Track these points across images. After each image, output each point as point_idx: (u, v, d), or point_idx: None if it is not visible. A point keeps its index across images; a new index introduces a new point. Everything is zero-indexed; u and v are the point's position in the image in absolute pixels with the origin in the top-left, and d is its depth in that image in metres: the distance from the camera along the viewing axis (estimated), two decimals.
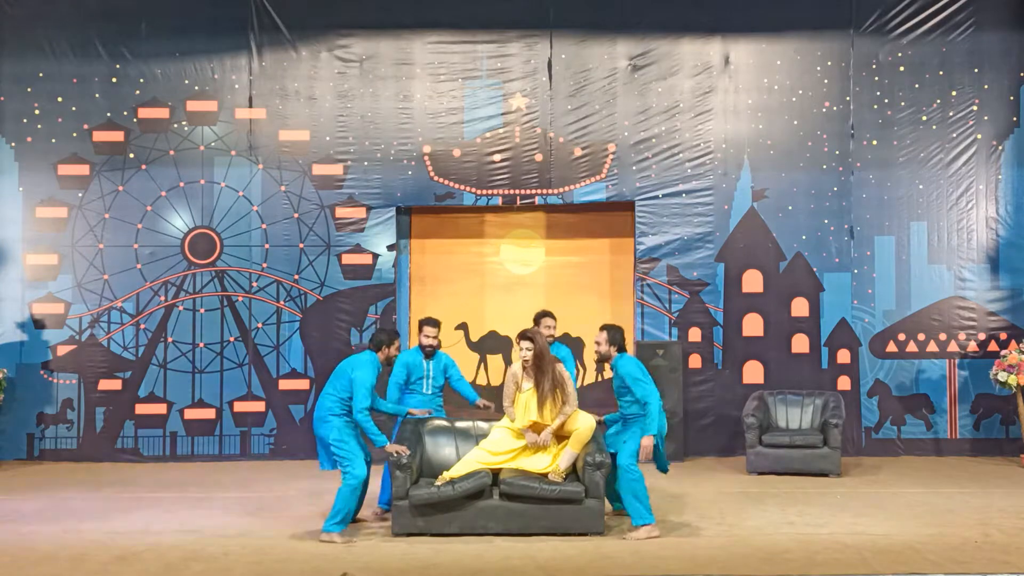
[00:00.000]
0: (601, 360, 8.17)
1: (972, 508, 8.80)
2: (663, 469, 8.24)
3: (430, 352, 8.84)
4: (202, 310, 11.82)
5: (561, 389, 7.95)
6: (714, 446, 11.76)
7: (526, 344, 8.01)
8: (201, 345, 11.78)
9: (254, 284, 11.86)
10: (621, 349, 8.12)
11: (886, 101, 11.98)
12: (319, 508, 8.73)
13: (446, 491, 7.72)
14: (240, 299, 11.84)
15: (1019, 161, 11.97)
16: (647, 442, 7.81)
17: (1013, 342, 11.40)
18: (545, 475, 7.85)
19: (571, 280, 12.29)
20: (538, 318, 9.11)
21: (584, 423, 7.90)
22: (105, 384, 11.70)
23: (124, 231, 11.84)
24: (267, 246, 11.89)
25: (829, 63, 11.99)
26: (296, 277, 11.85)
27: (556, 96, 11.97)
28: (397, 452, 7.83)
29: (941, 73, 11.99)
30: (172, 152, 11.87)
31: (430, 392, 8.83)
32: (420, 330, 8.91)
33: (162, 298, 11.80)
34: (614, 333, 8.11)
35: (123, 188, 11.85)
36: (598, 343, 8.11)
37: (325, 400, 7.93)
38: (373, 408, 8.01)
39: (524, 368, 8.04)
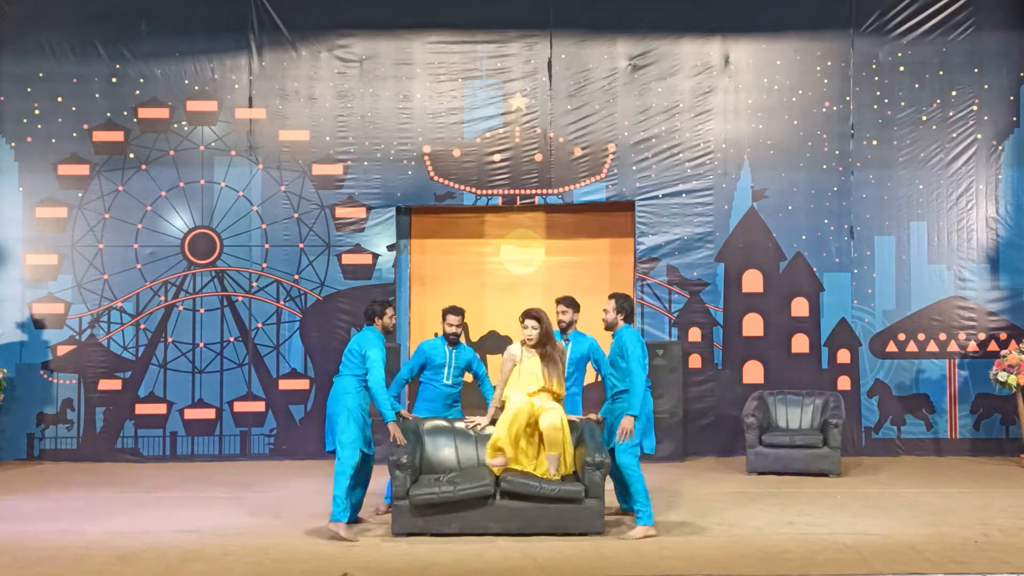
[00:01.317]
0: (608, 328, 8.15)
1: (972, 508, 8.80)
2: (650, 450, 8.19)
3: (454, 341, 8.81)
4: (202, 310, 11.82)
5: (562, 362, 8.05)
6: (714, 446, 11.77)
7: (532, 323, 8.00)
8: (201, 345, 11.79)
9: (254, 284, 11.86)
10: (628, 319, 8.10)
11: (886, 101, 11.99)
12: (319, 508, 8.72)
13: (446, 491, 7.72)
14: (240, 299, 11.84)
15: (1019, 161, 11.97)
16: (627, 423, 7.80)
17: (1013, 342, 11.40)
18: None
19: (571, 280, 12.26)
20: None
21: (546, 422, 7.77)
22: (105, 384, 11.70)
23: (124, 231, 11.84)
24: (267, 246, 11.89)
25: (829, 63, 11.99)
26: (296, 277, 11.85)
27: (556, 96, 11.97)
28: (396, 438, 7.86)
29: (941, 73, 11.99)
30: (172, 152, 11.87)
31: (450, 382, 8.77)
32: (444, 318, 8.83)
33: (162, 298, 11.80)
34: (622, 301, 8.09)
35: (123, 188, 11.85)
36: (605, 311, 8.10)
37: (342, 380, 8.02)
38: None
39: (524, 345, 8.04)
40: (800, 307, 11.95)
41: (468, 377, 9.07)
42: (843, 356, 11.89)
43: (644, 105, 11.99)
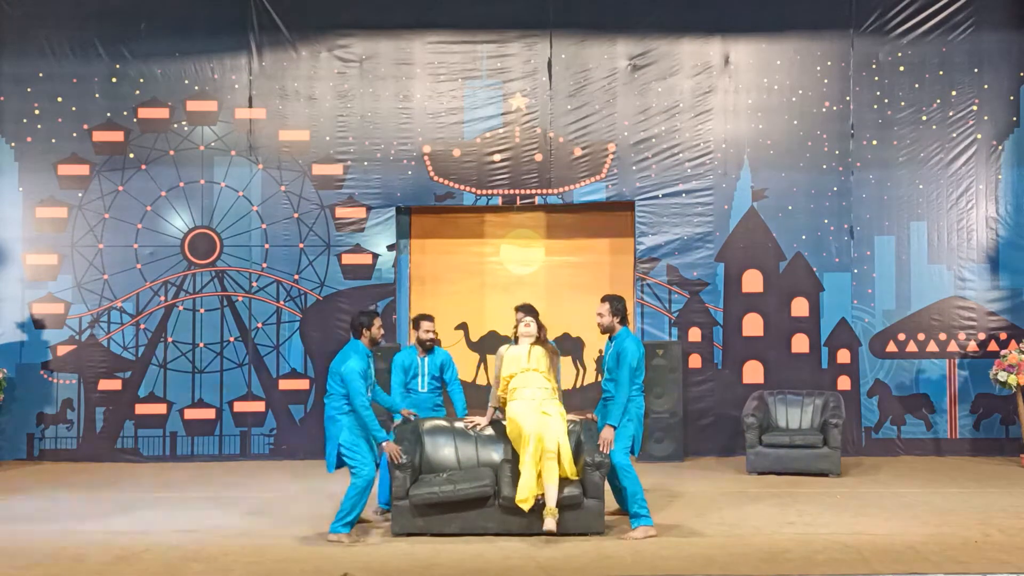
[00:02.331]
0: (604, 331, 8.08)
1: (972, 508, 8.80)
2: (635, 452, 8.17)
3: (429, 347, 8.83)
4: (202, 310, 11.82)
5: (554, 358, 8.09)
6: (714, 446, 11.76)
7: (530, 319, 8.08)
8: (201, 345, 11.78)
9: (254, 284, 11.86)
10: (623, 321, 8.06)
11: (886, 101, 11.99)
12: (319, 508, 8.72)
13: (446, 491, 7.71)
14: (240, 299, 11.84)
15: (1019, 161, 11.97)
16: (607, 434, 7.78)
17: (1013, 342, 11.40)
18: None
19: (571, 280, 12.29)
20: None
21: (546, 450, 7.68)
22: (105, 384, 11.70)
23: (124, 231, 11.84)
24: (267, 246, 11.89)
25: (829, 63, 11.99)
26: (296, 277, 11.85)
27: (556, 96, 11.97)
28: (394, 456, 7.81)
29: (941, 73, 11.99)
30: (172, 152, 11.88)
31: (426, 390, 8.78)
32: (417, 326, 8.87)
33: (162, 298, 11.80)
34: (616, 303, 8.03)
35: (123, 188, 11.85)
36: (600, 314, 8.02)
37: (332, 400, 7.88)
38: (372, 399, 7.95)
39: (516, 340, 8.10)
40: (800, 307, 11.95)
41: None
42: (843, 356, 11.88)
43: (644, 105, 11.99)
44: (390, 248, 11.93)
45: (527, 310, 8.39)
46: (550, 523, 7.50)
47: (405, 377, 8.79)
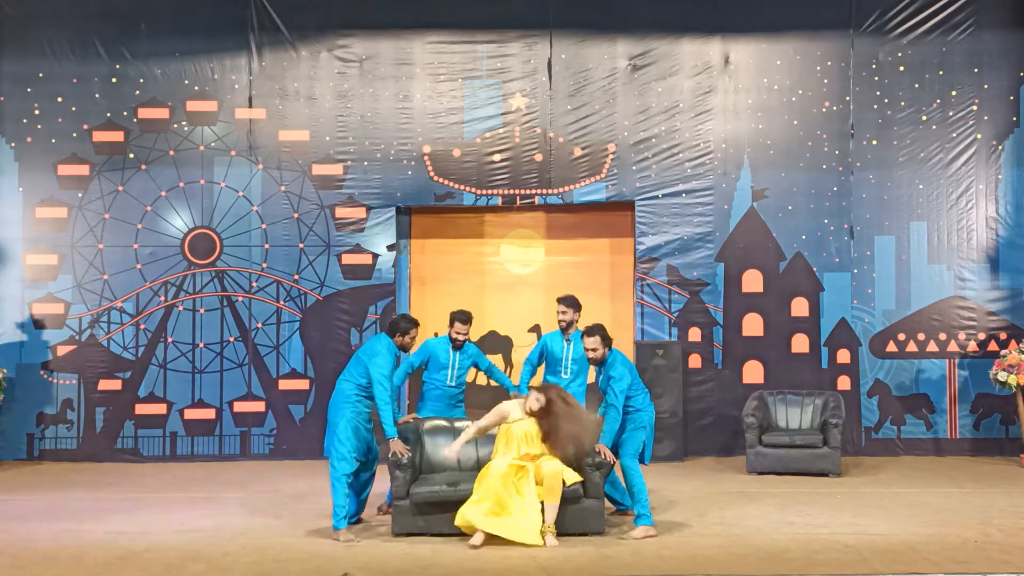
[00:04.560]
0: (596, 363, 8.03)
1: (972, 508, 8.80)
2: (645, 460, 8.16)
3: (459, 345, 8.88)
4: (202, 310, 11.82)
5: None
6: (714, 446, 11.76)
7: (538, 396, 7.84)
8: (201, 345, 11.78)
9: (254, 284, 11.86)
10: (610, 345, 8.07)
11: (886, 101, 11.99)
12: (319, 508, 8.72)
13: (447, 491, 7.72)
14: (240, 299, 11.84)
15: (1019, 161, 11.97)
16: (605, 452, 7.78)
17: (1013, 342, 11.40)
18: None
19: (571, 280, 12.26)
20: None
21: (549, 469, 7.58)
22: (105, 384, 11.70)
23: (124, 231, 11.84)
24: (267, 246, 11.89)
25: (829, 63, 11.99)
26: (296, 277, 11.85)
27: (556, 96, 11.97)
28: (399, 452, 7.84)
29: (941, 73, 11.99)
30: (172, 152, 11.87)
31: (453, 383, 8.90)
32: (451, 324, 8.91)
33: (162, 298, 11.80)
34: (604, 332, 8.00)
35: (123, 188, 11.85)
36: (594, 348, 7.93)
37: (344, 385, 7.96)
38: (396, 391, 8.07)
39: (525, 408, 7.88)
40: (800, 307, 11.95)
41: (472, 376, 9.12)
42: (843, 356, 11.88)
43: (644, 105, 11.99)
44: (390, 248, 11.93)
45: (569, 302, 8.70)
46: (551, 540, 7.49)
47: (428, 366, 8.87)
